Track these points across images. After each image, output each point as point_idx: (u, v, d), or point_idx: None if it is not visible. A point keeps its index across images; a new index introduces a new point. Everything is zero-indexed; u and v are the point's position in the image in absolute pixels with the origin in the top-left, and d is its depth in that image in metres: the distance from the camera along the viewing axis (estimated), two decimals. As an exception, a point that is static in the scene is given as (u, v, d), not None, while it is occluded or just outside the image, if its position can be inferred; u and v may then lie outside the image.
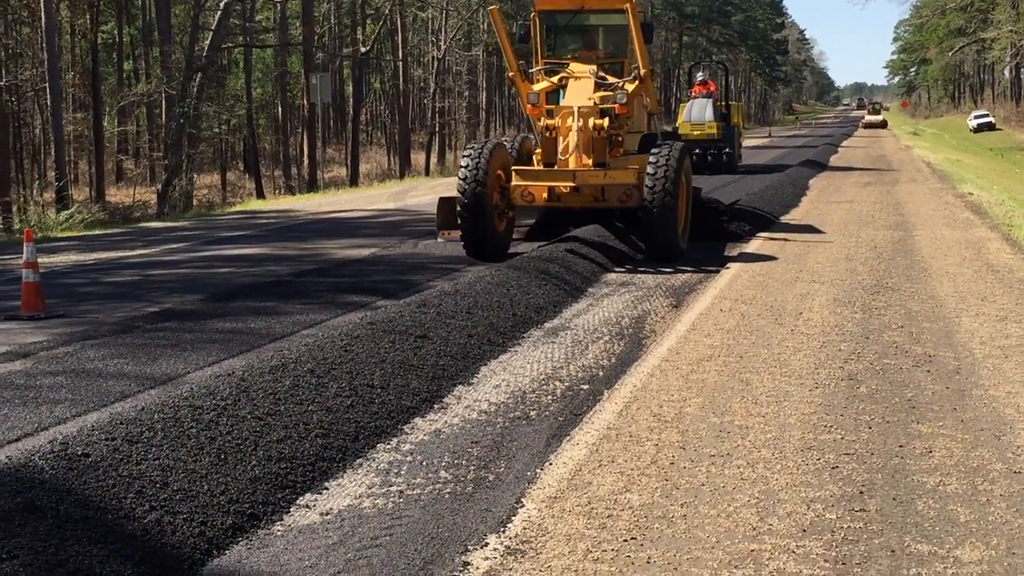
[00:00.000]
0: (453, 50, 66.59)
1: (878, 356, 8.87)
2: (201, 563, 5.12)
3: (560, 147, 14.52)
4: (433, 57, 64.44)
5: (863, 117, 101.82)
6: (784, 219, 20.32)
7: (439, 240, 16.14)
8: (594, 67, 15.67)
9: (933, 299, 11.45)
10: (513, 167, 14.85)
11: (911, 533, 5.29)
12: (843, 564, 4.93)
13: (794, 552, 5.07)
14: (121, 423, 6.10)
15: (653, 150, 14.48)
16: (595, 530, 5.37)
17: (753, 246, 16.32)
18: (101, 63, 47.14)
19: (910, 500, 5.72)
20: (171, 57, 42.54)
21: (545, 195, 14.91)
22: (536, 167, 15.10)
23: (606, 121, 14.61)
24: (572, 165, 14.33)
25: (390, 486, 6.19)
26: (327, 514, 5.77)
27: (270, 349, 8.93)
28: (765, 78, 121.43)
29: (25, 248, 11.38)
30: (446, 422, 7.43)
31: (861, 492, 5.83)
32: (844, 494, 5.80)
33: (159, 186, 39.28)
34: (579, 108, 14.49)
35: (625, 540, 5.24)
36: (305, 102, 48.41)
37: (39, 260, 11.24)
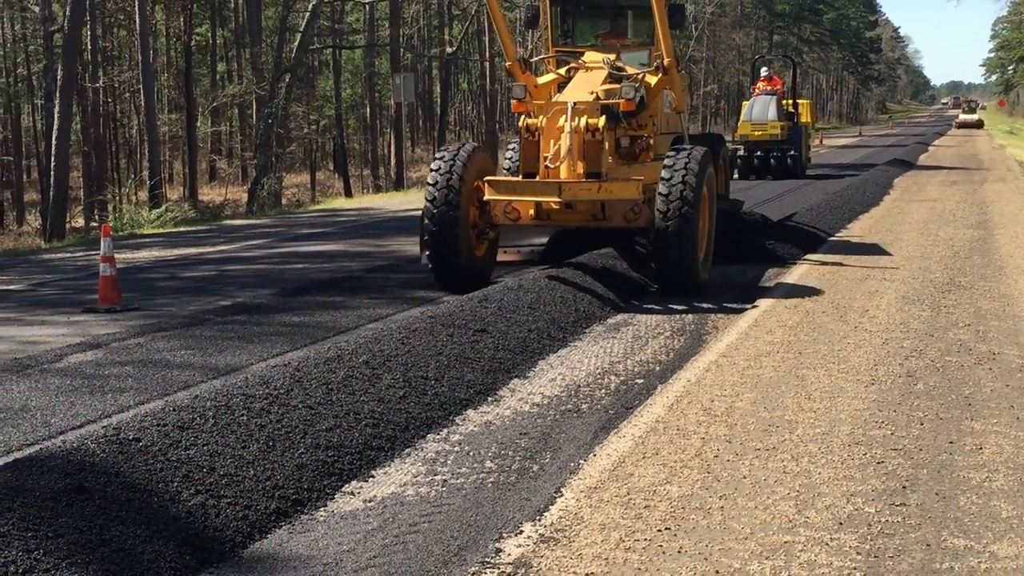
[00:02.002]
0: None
1: (940, 353, 8.76)
2: (242, 546, 5.25)
3: (551, 152, 11.50)
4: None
5: (958, 116, 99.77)
6: (850, 231, 17.80)
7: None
8: (613, 56, 13.02)
9: (1005, 297, 11.26)
10: (487, 178, 11.75)
11: (949, 528, 5.24)
12: (875, 557, 4.90)
13: (827, 544, 5.05)
14: (173, 410, 6.26)
15: (668, 155, 11.72)
16: (631, 520, 5.40)
17: (797, 274, 13.25)
18: (195, 65, 48.02)
19: (953, 495, 5.66)
20: (261, 59, 43.27)
21: (532, 212, 12.01)
22: (513, 178, 12.34)
23: (602, 120, 11.62)
24: (564, 175, 11.32)
25: (435, 475, 6.28)
26: (370, 501, 5.88)
27: (330, 342, 9.08)
28: (858, 77, 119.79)
29: (102, 243, 11.70)
30: (497, 414, 7.51)
31: (904, 487, 5.78)
32: (886, 488, 5.76)
33: (250, 185, 39.93)
34: (574, 104, 11.59)
35: (659, 530, 5.26)
36: (393, 102, 48.85)
37: (124, 256, 11.63)
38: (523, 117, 12.02)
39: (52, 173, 28.38)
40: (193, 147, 43.36)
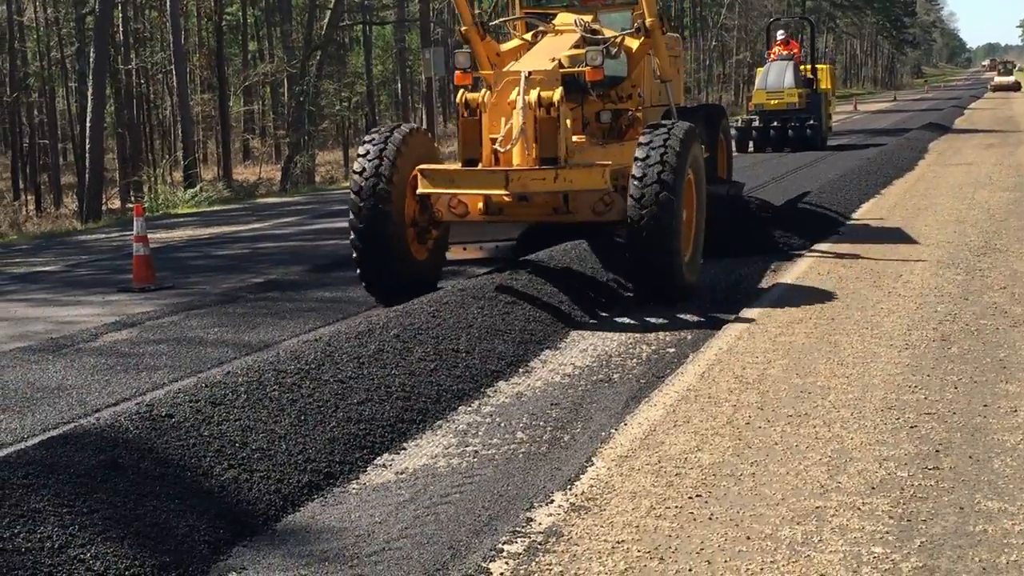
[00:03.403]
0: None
1: (975, 317, 8.68)
2: (275, 519, 5.29)
3: (501, 133, 9.35)
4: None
5: (993, 79, 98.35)
6: (879, 203, 16.46)
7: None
8: (589, 18, 11.35)
9: (1042, 260, 11.14)
10: (419, 167, 9.65)
11: (983, 490, 5.21)
12: (908, 521, 4.88)
13: (859, 509, 5.03)
14: (206, 386, 6.31)
15: (644, 131, 9.76)
16: (661, 488, 5.39)
17: (800, 268, 11.34)
18: (226, 44, 48.18)
19: (987, 458, 5.62)
20: (291, 37, 43.32)
21: (480, 206, 10.15)
22: (451, 166, 10.06)
23: (556, 93, 9.36)
24: (516, 161, 9.27)
25: (466, 446, 6.30)
26: (402, 473, 5.90)
27: (361, 316, 9.11)
28: (892, 41, 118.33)
29: (135, 223, 11.79)
30: (528, 385, 7.52)
31: (937, 451, 5.75)
32: (919, 452, 5.73)
33: (283, 163, 40.05)
34: (528, 74, 9.44)
35: (690, 497, 5.26)
36: (424, 77, 48.81)
37: (159, 236, 11.73)
38: (461, 91, 9.79)
39: (87, 155, 28.56)
40: (226, 126, 43.48)
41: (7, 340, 9.39)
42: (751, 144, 29.90)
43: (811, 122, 29.10)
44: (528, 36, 11.35)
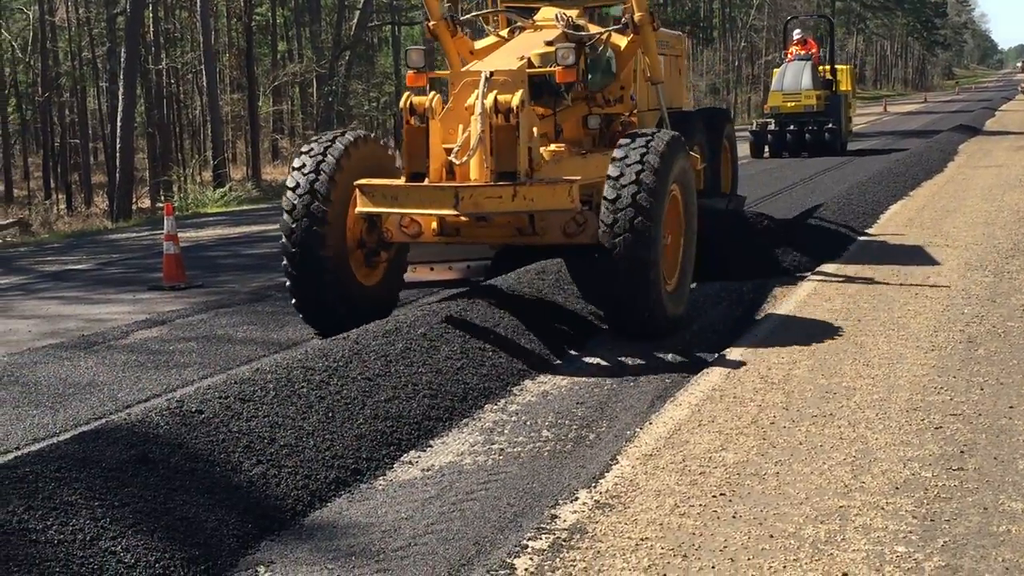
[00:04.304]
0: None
1: (1002, 319, 8.66)
2: (303, 514, 5.36)
3: (458, 143, 8.15)
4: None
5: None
6: (895, 217, 14.94)
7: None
8: (575, 13, 10.21)
9: (1071, 262, 11.10)
10: (357, 182, 8.40)
11: (1007, 491, 5.21)
12: (931, 520, 4.90)
13: (883, 508, 5.05)
14: (235, 383, 6.39)
15: (620, 144, 8.56)
16: (685, 486, 5.43)
17: (802, 294, 10.00)
18: (256, 45, 48.35)
19: (1011, 460, 5.63)
20: (320, 37, 43.52)
21: (435, 225, 8.90)
22: (394, 182, 8.50)
23: (516, 96, 8.10)
24: (474, 175, 8.15)
25: (492, 444, 6.35)
26: (428, 470, 5.96)
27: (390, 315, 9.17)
28: (923, 42, 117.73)
29: (166, 221, 11.90)
30: (555, 384, 7.57)
31: (962, 452, 5.75)
32: (944, 453, 5.74)
33: (311, 163, 40.08)
34: (491, 74, 8.34)
35: (714, 496, 5.29)
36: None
37: (188, 235, 11.86)
38: (406, 94, 8.45)
39: (118, 155, 28.79)
40: (255, 126, 43.71)
41: (40, 337, 9.52)
42: (766, 149, 28.75)
43: (830, 126, 27.87)
44: (505, 33, 10.30)
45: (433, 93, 8.46)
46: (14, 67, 44.77)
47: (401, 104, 8.33)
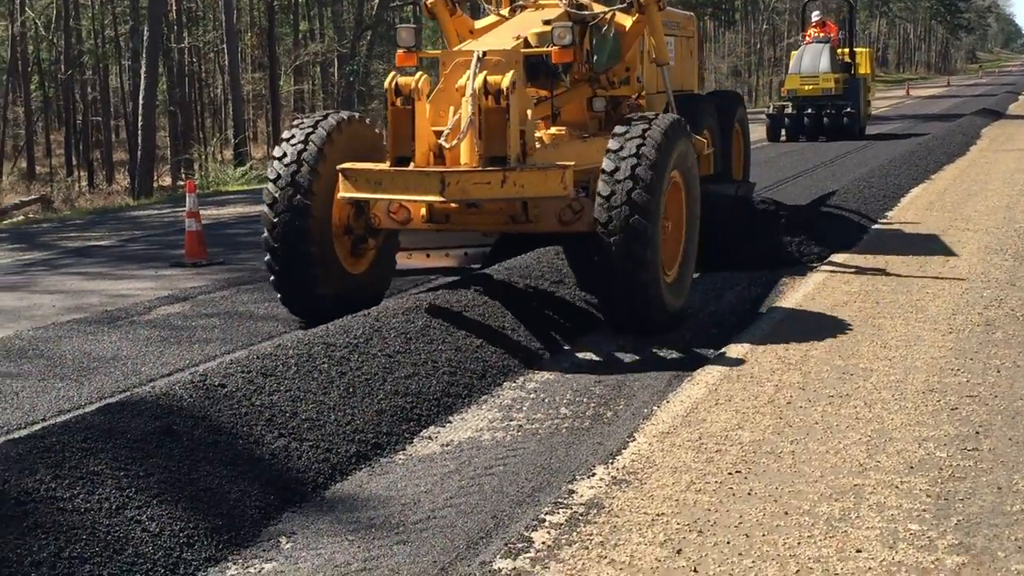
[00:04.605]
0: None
1: (1021, 303, 8.67)
2: (324, 487, 5.43)
3: (449, 126, 7.78)
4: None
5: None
6: (915, 200, 14.76)
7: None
8: None
9: (1091, 246, 11.08)
10: (340, 167, 8.02)
11: (1021, 472, 5.25)
12: (945, 500, 4.94)
13: (897, 487, 5.09)
14: (257, 358, 6.47)
15: (616, 131, 8.20)
16: (702, 463, 5.49)
17: (819, 278, 9.90)
18: (277, 24, 48.40)
19: (1027, 441, 5.67)
20: (342, 16, 43.52)
21: (423, 212, 8.54)
22: (375, 166, 8.05)
23: (506, 78, 7.65)
24: (464, 160, 7.80)
25: (511, 421, 6.42)
26: (447, 445, 6.03)
27: (409, 293, 9.23)
28: (946, 26, 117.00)
29: (188, 199, 12.00)
30: (573, 362, 7.63)
31: (977, 432, 5.79)
32: (959, 434, 5.78)
33: (332, 143, 40.17)
34: (483, 54, 7.99)
35: (730, 473, 5.35)
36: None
37: (210, 212, 11.97)
38: (392, 74, 7.98)
39: (139, 133, 28.91)
40: (276, 105, 43.79)
41: (63, 312, 9.62)
42: (783, 132, 28.48)
43: (848, 109, 27.54)
44: (507, 12, 9.86)
45: (420, 73, 8.00)
46: (37, 45, 44.93)
47: (386, 84, 7.89)
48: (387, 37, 52.43)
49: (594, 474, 5.38)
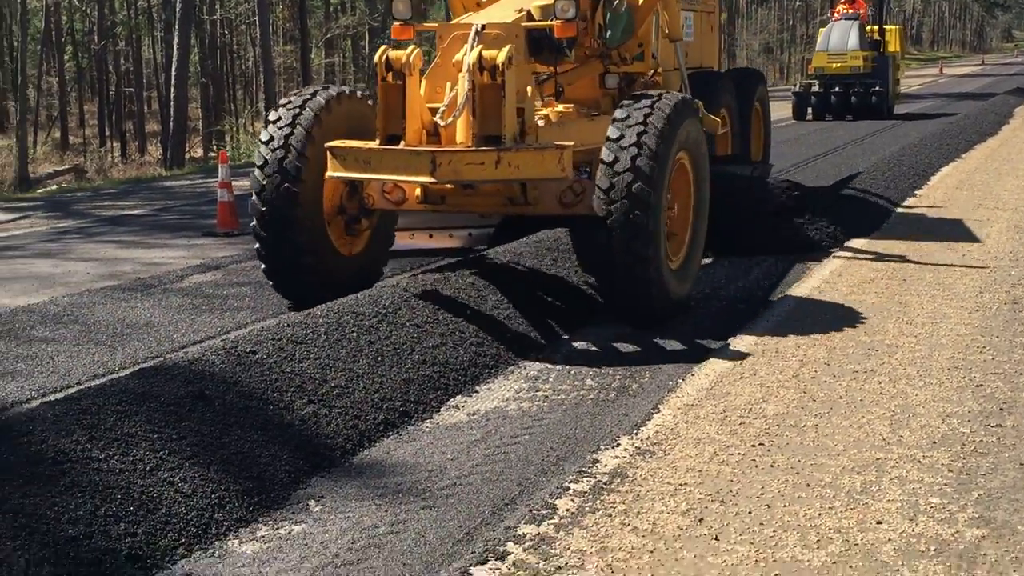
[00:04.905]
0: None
1: (1049, 281, 8.69)
2: (352, 453, 5.52)
3: (445, 102, 7.45)
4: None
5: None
6: (935, 187, 14.01)
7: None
8: None
9: (1122, 227, 11.04)
10: (328, 144, 7.65)
11: (1043, 448, 5.30)
12: (967, 475, 4.99)
13: (919, 462, 5.14)
14: (288, 325, 6.56)
15: (622, 105, 7.82)
16: (725, 436, 5.55)
17: (835, 264, 9.62)
18: (309, -4, 48.47)
19: (1050, 418, 5.70)
20: (373, -11, 43.52)
21: (418, 192, 8.16)
22: (365, 144, 7.64)
23: (502, 53, 7.28)
24: (460, 138, 7.46)
25: (537, 391, 6.49)
26: (474, 414, 6.11)
27: (438, 264, 9.29)
28: (982, 4, 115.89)
29: (220, 169, 12.10)
30: (599, 334, 7.68)
31: (1001, 409, 5.83)
32: (983, 410, 5.81)
33: (362, 115, 40.25)
34: (482, 27, 7.70)
35: (753, 445, 5.41)
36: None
37: (241, 183, 11.97)
38: (382, 48, 7.53)
39: (172, 104, 29.04)
40: (307, 78, 43.86)
41: (97, 279, 9.76)
42: (809, 111, 28.10)
43: (876, 88, 26.93)
44: None
45: (412, 47, 7.56)
46: (71, 15, 45.17)
47: (376, 58, 7.47)
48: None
49: (618, 444, 5.46)
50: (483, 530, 4.57)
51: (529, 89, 7.83)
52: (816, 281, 8.93)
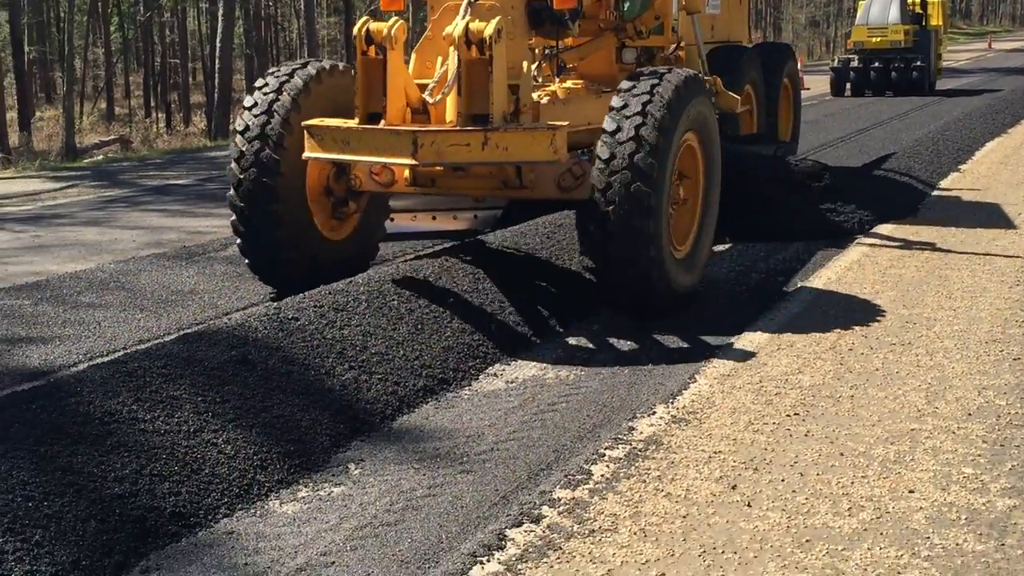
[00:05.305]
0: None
1: (1091, 256, 8.64)
2: (392, 418, 5.61)
3: (435, 78, 7.21)
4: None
5: None
6: (979, 162, 13.91)
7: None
8: None
9: None
10: (306, 123, 7.15)
11: (1079, 421, 5.30)
12: (1001, 446, 5.01)
13: (954, 433, 5.17)
14: (330, 293, 6.65)
15: (622, 87, 7.24)
16: (760, 405, 5.59)
17: (887, 229, 9.63)
18: (353, -32, 48.53)
19: (1087, 391, 5.70)
20: (416, -39, 43.47)
21: (407, 174, 7.62)
22: (343, 122, 7.14)
23: (490, 26, 6.70)
24: (451, 117, 7.01)
25: (574, 361, 6.54)
26: (512, 382, 6.18)
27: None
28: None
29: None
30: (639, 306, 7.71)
31: (1037, 382, 5.84)
32: (1019, 383, 5.82)
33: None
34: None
35: (788, 415, 5.45)
36: None
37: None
38: (363, 19, 7.07)
39: (216, 75, 29.23)
40: (351, 49, 43.99)
41: (143, 247, 9.91)
42: (848, 87, 27.53)
43: (918, 63, 26.30)
44: None
45: (395, 19, 7.05)
46: (117, -14, 45.48)
47: (355, 31, 6.96)
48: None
49: (654, 412, 5.52)
50: (519, 494, 4.64)
51: (525, 64, 7.30)
52: (848, 260, 8.92)
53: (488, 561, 4.04)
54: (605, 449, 5.05)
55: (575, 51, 8.82)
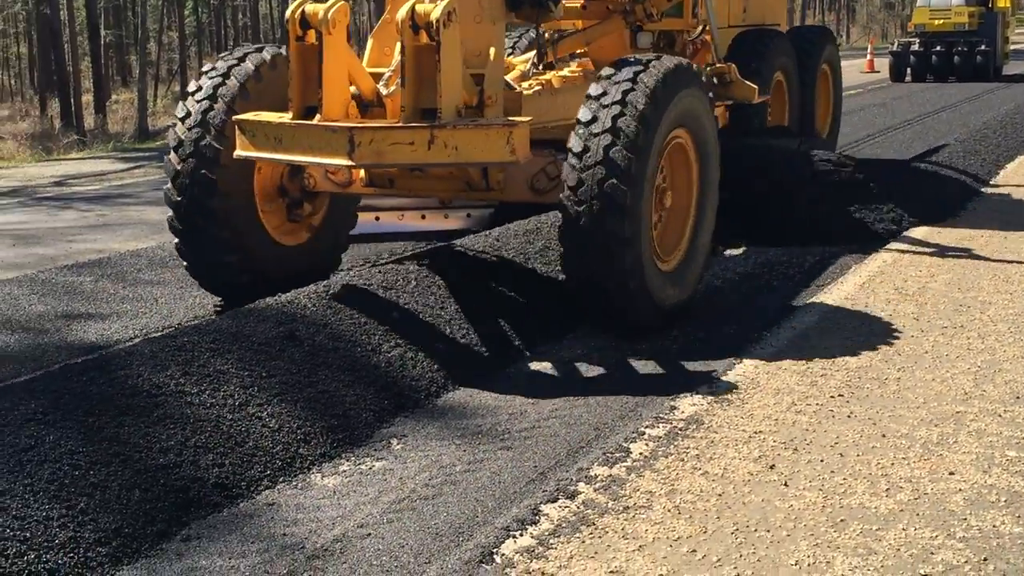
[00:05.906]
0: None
1: None
2: (435, 395, 5.67)
3: (391, 68, 6.45)
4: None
5: None
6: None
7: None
8: None
9: None
10: (236, 117, 6.41)
11: None
12: (1047, 430, 4.96)
13: (1000, 416, 5.11)
14: (378, 272, 6.72)
15: (602, 75, 6.45)
16: (805, 386, 5.57)
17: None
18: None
19: None
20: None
21: (363, 174, 6.98)
22: (277, 117, 6.34)
23: (437, 9, 5.91)
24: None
25: (620, 342, 6.53)
26: (556, 362, 6.20)
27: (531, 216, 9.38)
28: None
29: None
30: (688, 288, 7.70)
31: (1090, 367, 5.76)
32: (1071, 367, 5.75)
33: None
34: None
35: (832, 396, 5.43)
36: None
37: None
38: (298, 2, 6.25)
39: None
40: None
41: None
42: (908, 72, 26.61)
43: (982, 47, 25.32)
44: None
45: (333, 0, 6.15)
46: (190, -29, 46.03)
47: (288, 13, 6.23)
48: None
49: (697, 392, 5.52)
50: (557, 471, 4.67)
51: (493, 51, 6.47)
52: (915, 237, 8.83)
53: (521, 535, 4.08)
54: (645, 428, 5.07)
55: (581, 35, 8.34)
